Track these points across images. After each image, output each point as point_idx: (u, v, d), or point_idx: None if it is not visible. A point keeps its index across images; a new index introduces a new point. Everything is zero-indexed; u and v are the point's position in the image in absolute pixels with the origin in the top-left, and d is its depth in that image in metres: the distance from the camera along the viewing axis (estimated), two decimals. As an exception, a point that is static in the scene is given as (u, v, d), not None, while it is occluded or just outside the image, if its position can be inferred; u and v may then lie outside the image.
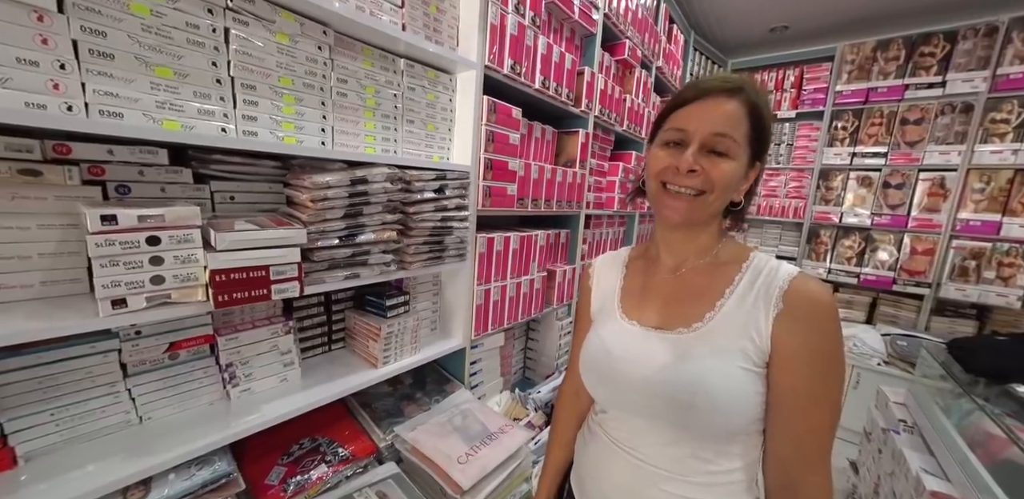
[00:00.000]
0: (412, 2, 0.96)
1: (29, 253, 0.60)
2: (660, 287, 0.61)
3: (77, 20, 0.55)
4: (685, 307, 0.57)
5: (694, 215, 0.55)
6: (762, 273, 0.53)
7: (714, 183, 0.52)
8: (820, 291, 0.49)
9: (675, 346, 0.54)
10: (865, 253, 2.58)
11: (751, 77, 0.56)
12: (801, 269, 0.53)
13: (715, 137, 0.51)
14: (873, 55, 2.50)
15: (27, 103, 0.52)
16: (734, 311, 0.52)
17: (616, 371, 0.57)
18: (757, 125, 0.52)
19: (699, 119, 0.52)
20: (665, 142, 0.55)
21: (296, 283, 0.72)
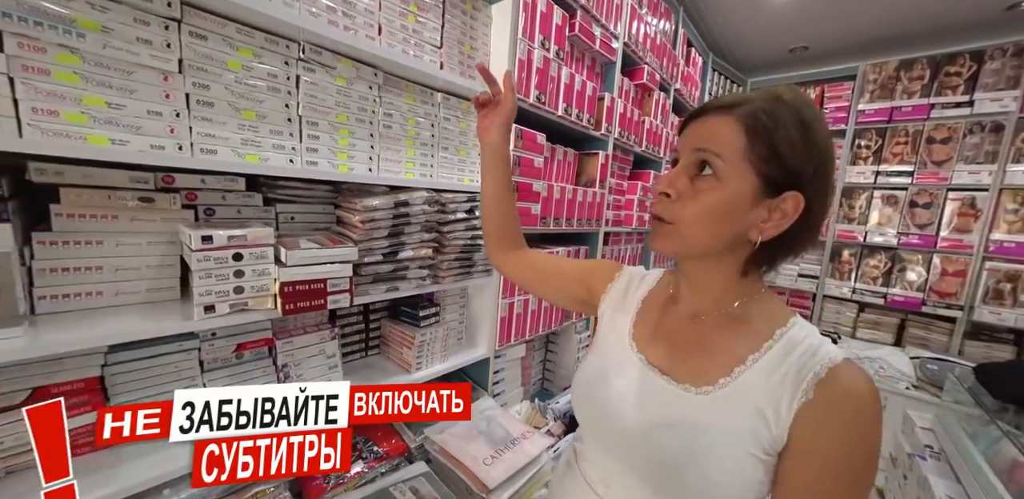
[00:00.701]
0: (449, 43, 1.08)
1: (140, 265, 0.72)
2: (675, 328, 0.54)
3: (190, 77, 0.68)
4: (698, 361, 0.49)
5: (666, 245, 0.49)
6: (798, 348, 0.44)
7: (685, 211, 0.45)
8: (863, 387, 0.41)
9: (678, 404, 0.47)
10: (892, 273, 2.53)
11: (785, 89, 0.45)
12: (847, 356, 0.43)
13: (694, 152, 0.46)
14: (896, 74, 2.51)
15: (151, 145, 0.65)
16: (755, 384, 0.44)
17: (609, 405, 0.52)
18: (763, 139, 0.42)
19: (685, 137, 0.48)
20: (672, 164, 0.51)
21: (347, 294, 0.82)
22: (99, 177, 0.67)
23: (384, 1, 0.92)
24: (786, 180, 0.43)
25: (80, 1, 0.57)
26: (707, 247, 0.47)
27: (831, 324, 2.75)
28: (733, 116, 0.44)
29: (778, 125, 0.42)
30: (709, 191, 0.44)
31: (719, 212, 0.44)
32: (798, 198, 0.42)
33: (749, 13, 2.27)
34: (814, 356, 0.43)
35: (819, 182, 0.43)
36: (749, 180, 0.43)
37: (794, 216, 0.43)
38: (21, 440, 0.61)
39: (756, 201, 0.44)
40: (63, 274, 0.65)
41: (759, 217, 0.44)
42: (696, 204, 0.45)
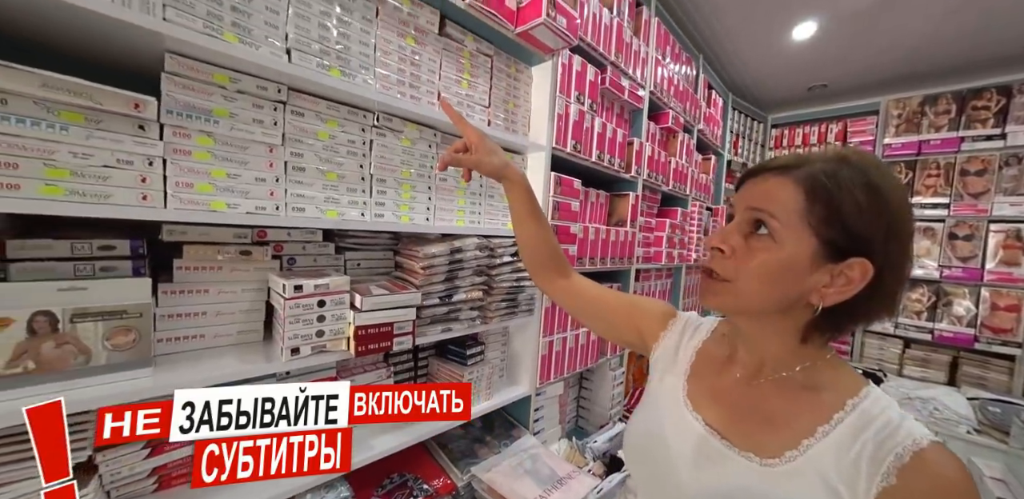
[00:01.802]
0: (495, 102, 1.21)
1: (234, 310, 0.81)
2: (732, 389, 0.52)
3: (289, 148, 0.80)
4: (759, 429, 0.47)
5: (718, 302, 0.48)
6: (875, 423, 0.42)
7: (737, 269, 0.45)
8: (953, 476, 0.38)
9: (740, 472, 0.45)
10: (937, 307, 2.43)
11: (851, 151, 0.44)
12: (937, 438, 0.40)
13: (749, 211, 0.46)
14: (921, 109, 2.54)
15: (256, 207, 0.76)
16: (825, 460, 0.42)
17: (667, 464, 0.51)
18: (825, 202, 0.41)
19: (741, 195, 0.48)
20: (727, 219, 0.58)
21: (410, 336, 0.89)
22: (212, 235, 0.78)
23: (443, 72, 1.05)
24: (851, 245, 0.41)
25: (217, 95, 0.69)
26: (761, 308, 0.46)
27: (875, 360, 2.62)
28: (791, 177, 0.43)
29: (841, 187, 0.41)
30: (764, 251, 0.44)
31: (774, 273, 0.43)
32: (865, 265, 0.41)
33: (765, 56, 2.38)
34: (894, 435, 0.40)
35: (892, 248, 0.41)
36: (808, 243, 0.42)
37: (861, 283, 0.41)
38: (137, 469, 0.68)
39: (816, 265, 0.42)
40: (177, 319, 0.74)
41: (820, 281, 0.43)
42: (750, 262, 0.44)
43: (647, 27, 1.75)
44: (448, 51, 1.05)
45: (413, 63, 0.97)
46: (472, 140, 0.71)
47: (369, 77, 0.89)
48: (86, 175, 0.57)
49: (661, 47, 1.86)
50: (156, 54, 0.63)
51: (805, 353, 0.48)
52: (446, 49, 1.04)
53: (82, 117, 0.55)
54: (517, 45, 1.18)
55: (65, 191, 0.55)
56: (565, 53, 1.31)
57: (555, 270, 0.75)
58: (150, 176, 0.63)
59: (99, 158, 0.58)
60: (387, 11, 0.91)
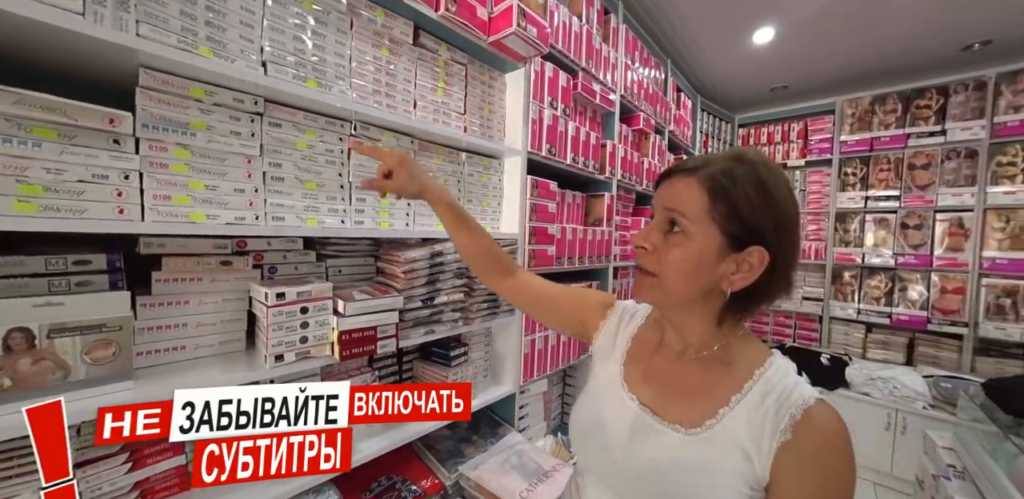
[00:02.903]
0: (471, 109, 1.24)
1: (216, 321, 0.81)
2: (663, 369, 0.57)
3: (267, 158, 0.81)
4: (685, 403, 0.53)
5: (648, 297, 0.53)
6: (775, 389, 0.48)
7: (660, 265, 0.50)
8: (832, 427, 0.45)
9: (669, 444, 0.51)
10: (894, 293, 2.60)
11: (748, 150, 0.51)
12: (821, 396, 0.47)
13: (664, 211, 0.51)
14: (871, 108, 2.72)
15: (235, 217, 0.76)
16: (738, 425, 0.48)
17: (606, 444, 0.56)
18: (724, 199, 0.47)
19: (657, 196, 0.53)
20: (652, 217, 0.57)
21: (394, 339, 0.91)
22: (191, 246, 0.78)
23: (419, 80, 1.07)
24: (749, 236, 0.47)
25: (194, 108, 0.70)
26: (684, 297, 0.51)
27: (841, 346, 2.77)
28: (696, 178, 0.49)
29: (736, 185, 0.46)
30: (679, 246, 0.49)
31: (690, 266, 0.49)
32: (762, 252, 0.46)
33: (730, 59, 2.50)
34: (790, 397, 0.46)
35: (782, 237, 0.47)
36: (714, 236, 0.47)
37: (760, 268, 0.47)
38: (118, 484, 0.68)
39: (723, 256, 0.48)
40: (158, 332, 0.74)
41: (728, 270, 0.48)
42: (669, 258, 0.49)
43: (615, 34, 1.82)
44: (423, 60, 1.08)
45: (388, 73, 1.00)
46: (391, 167, 0.74)
47: (345, 87, 0.91)
48: (60, 190, 0.57)
49: (630, 52, 1.93)
50: (130, 69, 0.63)
51: (722, 333, 0.54)
52: (421, 59, 1.07)
53: (56, 133, 0.55)
54: (490, 54, 1.21)
55: (39, 207, 0.55)
56: (537, 60, 1.35)
57: (499, 271, 0.77)
58: (126, 190, 0.63)
59: (73, 173, 0.58)
60: (361, 23, 0.93)
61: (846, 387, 2.40)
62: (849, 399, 2.34)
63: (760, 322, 3.15)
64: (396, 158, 0.74)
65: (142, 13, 0.62)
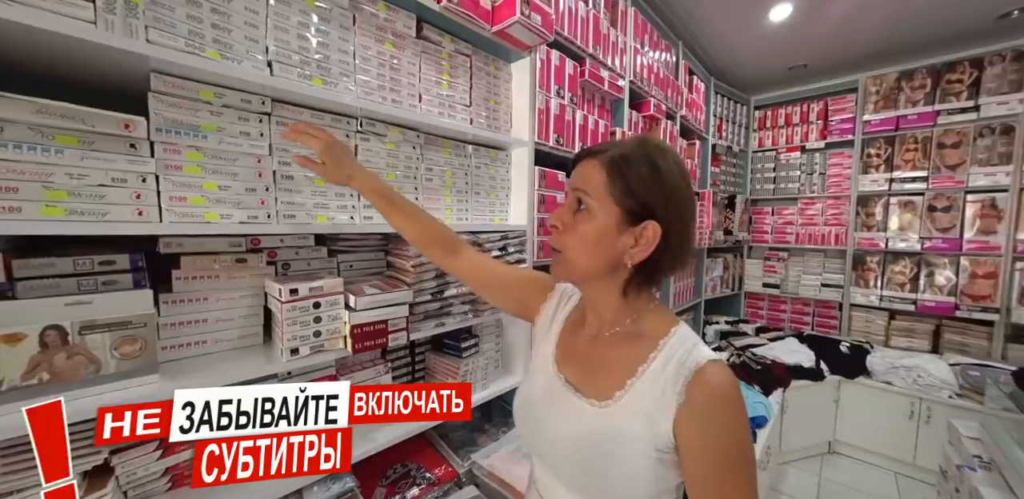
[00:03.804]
0: (477, 100, 1.23)
1: (233, 316, 0.84)
2: (584, 348, 0.61)
3: (276, 157, 0.83)
4: (601, 377, 0.56)
5: (561, 272, 0.57)
6: (675, 356, 0.51)
7: (568, 240, 0.54)
8: (718, 383, 0.48)
9: (587, 418, 0.54)
10: (919, 278, 2.51)
11: (648, 138, 0.56)
12: (716, 357, 0.51)
13: (574, 191, 0.55)
14: (897, 85, 2.58)
15: (248, 216, 0.79)
16: (643, 394, 0.51)
17: (538, 423, 0.59)
18: (620, 178, 0.51)
19: (570, 179, 0.58)
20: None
21: (405, 332, 0.93)
22: (208, 245, 0.81)
23: (423, 74, 1.07)
24: (643, 211, 0.51)
25: (204, 111, 0.72)
26: (590, 271, 0.55)
27: (862, 333, 2.71)
28: (599, 160, 0.54)
29: (630, 165, 0.52)
30: (584, 222, 0.53)
31: (593, 239, 0.53)
32: (655, 226, 0.51)
33: (745, 38, 2.40)
34: (686, 362, 0.50)
35: (672, 214, 0.52)
36: (613, 211, 0.52)
37: (655, 241, 0.52)
38: (151, 470, 0.72)
39: (622, 229, 0.52)
40: (179, 327, 0.77)
41: (627, 243, 0.53)
42: (575, 233, 0.54)
43: (624, 17, 1.76)
44: (427, 53, 1.07)
45: (392, 67, 1.00)
46: (318, 151, 0.74)
47: (350, 84, 0.91)
48: (83, 195, 0.60)
49: (639, 36, 1.87)
50: (142, 74, 0.65)
51: (632, 307, 0.58)
52: (424, 51, 1.06)
53: (76, 139, 0.58)
54: (494, 43, 1.19)
55: (65, 211, 0.58)
56: (542, 48, 1.33)
57: (444, 251, 0.79)
58: (144, 192, 0.66)
59: (94, 178, 0.60)
60: (364, 18, 0.93)
61: (867, 375, 2.35)
62: (871, 388, 2.29)
63: (778, 310, 3.10)
64: (321, 143, 0.73)
65: (150, 18, 0.64)
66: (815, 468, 2.32)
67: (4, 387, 0.54)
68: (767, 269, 3.09)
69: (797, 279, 2.96)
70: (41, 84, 0.65)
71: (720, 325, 2.93)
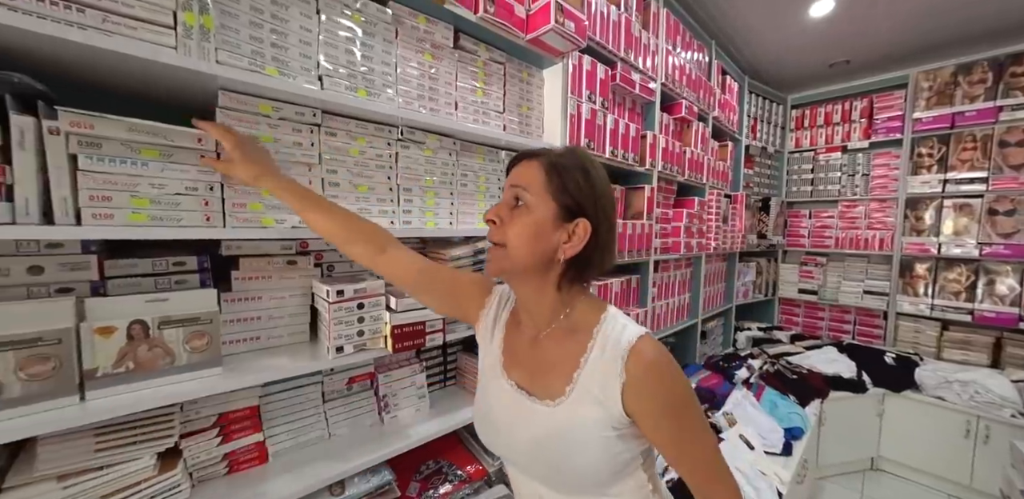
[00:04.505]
0: (510, 107, 1.25)
1: (284, 314, 0.90)
2: (525, 353, 0.63)
3: (325, 166, 0.88)
4: (548, 378, 0.58)
5: (497, 266, 0.58)
6: (609, 341, 0.55)
7: (506, 234, 0.56)
8: (651, 356, 0.53)
9: (542, 418, 0.57)
10: (977, 287, 2.34)
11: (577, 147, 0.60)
12: (643, 332, 0.55)
13: (512, 189, 0.58)
14: (953, 79, 2.42)
15: (299, 221, 0.84)
16: (589, 381, 0.54)
17: (498, 429, 0.62)
18: (558, 177, 0.55)
19: (509, 178, 0.60)
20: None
21: (441, 333, 0.96)
22: (263, 248, 0.87)
23: (459, 82, 1.11)
24: (576, 208, 0.55)
25: (263, 124, 0.78)
26: (528, 263, 0.57)
27: (909, 344, 2.55)
28: (537, 161, 0.57)
29: (566, 167, 0.56)
30: (522, 216, 0.56)
31: (530, 232, 0.55)
32: (586, 224, 0.55)
33: (782, 35, 2.32)
34: (619, 342, 0.54)
35: (600, 214, 0.56)
36: (550, 207, 0.55)
37: (585, 237, 0.55)
38: (212, 454, 0.79)
39: (556, 225, 0.56)
40: (238, 324, 0.84)
41: (561, 238, 0.56)
42: (515, 227, 0.56)
43: (656, 19, 1.75)
44: (463, 62, 1.11)
45: (431, 77, 1.04)
46: (228, 147, 0.67)
47: (392, 94, 0.96)
48: (162, 202, 0.66)
49: (671, 37, 1.85)
50: (211, 91, 0.71)
51: (564, 301, 0.61)
52: (460, 61, 1.10)
53: (158, 152, 0.64)
54: (527, 51, 1.22)
55: (148, 217, 0.64)
56: (574, 54, 1.34)
57: (366, 246, 0.74)
58: (211, 200, 0.72)
59: (172, 187, 0.67)
60: (405, 31, 0.97)
61: (915, 389, 2.21)
62: (920, 403, 2.16)
63: (815, 317, 2.96)
64: (231, 141, 0.66)
65: (220, 41, 0.70)
66: (856, 485, 2.20)
67: (99, 373, 0.61)
68: (803, 274, 2.96)
69: (836, 285, 2.82)
70: (124, 103, 0.73)
71: (752, 332, 2.83)
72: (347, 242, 0.74)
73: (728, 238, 2.40)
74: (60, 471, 0.62)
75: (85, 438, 0.63)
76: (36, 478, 0.60)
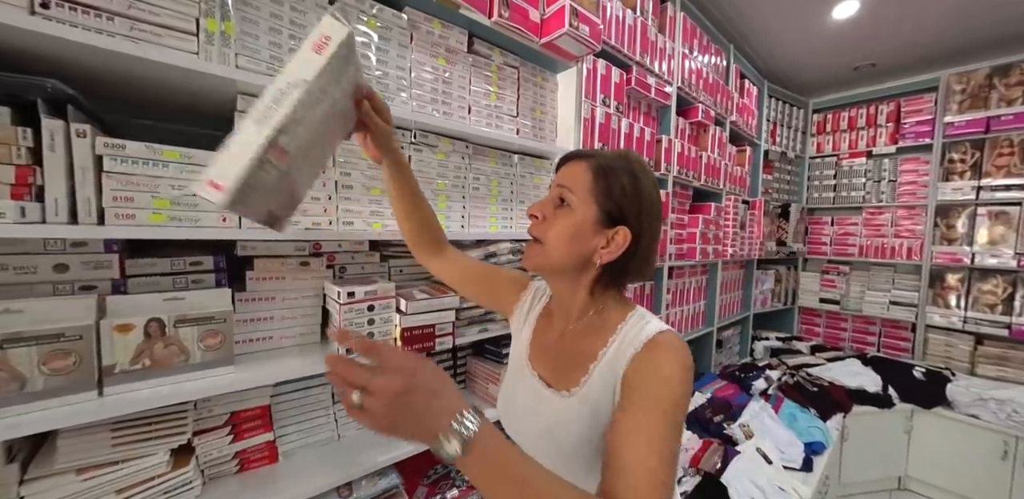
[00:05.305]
0: (523, 111, 1.25)
1: (296, 315, 0.91)
2: (552, 347, 0.64)
3: (339, 169, 0.89)
4: (569, 369, 0.59)
5: (532, 262, 0.59)
6: (629, 335, 0.55)
7: (546, 231, 0.57)
8: (661, 347, 0.51)
9: (558, 408, 0.57)
10: (1015, 299, 2.21)
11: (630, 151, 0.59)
12: (665, 328, 0.54)
13: (558, 188, 0.58)
14: (988, 82, 2.32)
15: (313, 223, 0.85)
16: (604, 375, 0.54)
17: (519, 418, 0.63)
18: (604, 181, 0.55)
19: (556, 178, 0.61)
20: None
21: (450, 337, 0.96)
22: (276, 249, 0.88)
23: (473, 86, 1.11)
24: (618, 215, 0.55)
25: (279, 128, 0.79)
26: (562, 263, 0.57)
27: (940, 358, 2.42)
28: (586, 162, 0.57)
29: (615, 172, 0.55)
30: (564, 217, 0.57)
31: (569, 232, 0.56)
32: (627, 232, 0.55)
33: (803, 38, 2.27)
34: (638, 337, 0.54)
35: (644, 222, 0.56)
36: (592, 210, 0.56)
37: (624, 245, 0.55)
38: (223, 452, 0.80)
39: (596, 229, 0.56)
40: (252, 324, 0.85)
41: (599, 243, 0.56)
42: (555, 225, 0.57)
43: (672, 23, 1.73)
44: (476, 67, 1.11)
45: (444, 81, 1.04)
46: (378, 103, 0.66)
47: (406, 97, 0.97)
48: (182, 204, 0.68)
49: (688, 41, 1.83)
50: (230, 96, 0.73)
51: (595, 302, 0.61)
52: (474, 65, 1.10)
53: (178, 155, 0.66)
54: (542, 55, 1.22)
55: (167, 218, 0.66)
56: (589, 58, 1.33)
57: (434, 247, 0.80)
58: (229, 201, 0.73)
59: (191, 188, 0.68)
60: (420, 36, 0.98)
61: (947, 406, 2.10)
62: (952, 420, 2.04)
63: (837, 328, 2.85)
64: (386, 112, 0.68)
65: (240, 47, 0.72)
66: (882, 506, 2.10)
67: (117, 370, 0.62)
68: (825, 283, 2.86)
69: (860, 295, 2.71)
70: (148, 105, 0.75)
71: (770, 341, 2.74)
72: (420, 242, 0.80)
73: (746, 245, 2.34)
74: (79, 464, 0.63)
75: (102, 433, 0.65)
76: (57, 471, 0.62)
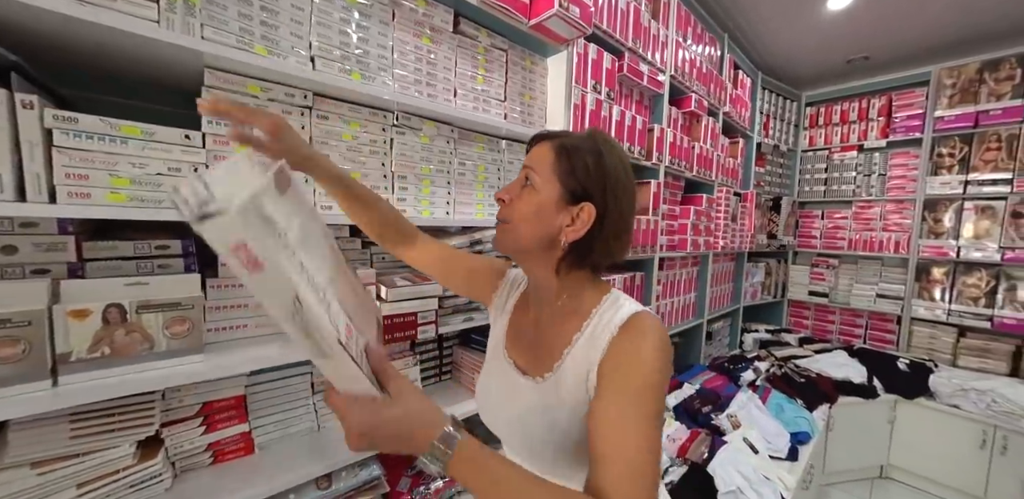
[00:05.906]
0: (511, 95, 1.22)
1: (273, 303, 0.88)
2: (528, 334, 0.64)
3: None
4: (543, 355, 0.59)
5: (501, 244, 0.60)
6: (603, 319, 0.55)
7: (512, 212, 0.57)
8: (637, 329, 0.51)
9: (531, 394, 0.57)
10: (998, 292, 2.25)
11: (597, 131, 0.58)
12: (639, 310, 0.54)
13: (524, 169, 0.58)
14: (979, 76, 2.32)
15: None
16: (579, 357, 0.54)
17: (493, 406, 0.64)
18: (567, 160, 0.54)
19: (525, 159, 0.60)
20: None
21: (433, 326, 0.93)
22: (251, 233, 0.85)
23: (459, 68, 1.07)
24: (582, 192, 0.54)
25: (251, 104, 0.75)
26: (529, 242, 0.57)
27: (924, 350, 2.46)
28: (551, 142, 0.57)
29: (578, 151, 0.55)
30: (529, 196, 0.57)
31: (533, 211, 0.56)
32: (591, 208, 0.54)
33: (798, 30, 2.25)
34: (612, 320, 0.54)
35: (609, 200, 0.54)
36: (555, 189, 0.55)
37: (589, 223, 0.54)
38: (195, 444, 0.77)
39: (560, 207, 0.55)
40: (224, 311, 0.82)
41: (564, 221, 0.55)
42: (519, 205, 0.57)
43: (666, 9, 1.69)
44: (463, 48, 1.07)
45: (429, 62, 1.00)
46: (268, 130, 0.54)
47: (388, 78, 0.93)
48: (143, 183, 0.64)
49: (682, 29, 1.79)
50: (197, 69, 0.69)
51: (565, 284, 0.60)
52: (460, 46, 1.06)
53: (139, 131, 0.62)
54: (531, 37, 1.18)
55: (127, 198, 0.62)
56: (580, 42, 1.30)
57: (399, 238, 0.76)
58: (196, 181, 0.69)
59: (153, 167, 0.64)
60: (403, 13, 0.94)
61: (929, 396, 2.14)
62: (934, 410, 2.08)
63: (825, 320, 2.88)
64: (270, 123, 0.54)
65: (206, 17, 0.67)
66: (864, 493, 2.14)
67: (73, 358, 0.59)
68: (814, 276, 2.88)
69: (848, 288, 2.74)
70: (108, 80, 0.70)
71: (760, 333, 2.76)
72: (385, 235, 0.77)
73: (737, 237, 2.34)
74: (33, 457, 0.60)
75: (60, 424, 0.62)
76: (8, 464, 0.58)
